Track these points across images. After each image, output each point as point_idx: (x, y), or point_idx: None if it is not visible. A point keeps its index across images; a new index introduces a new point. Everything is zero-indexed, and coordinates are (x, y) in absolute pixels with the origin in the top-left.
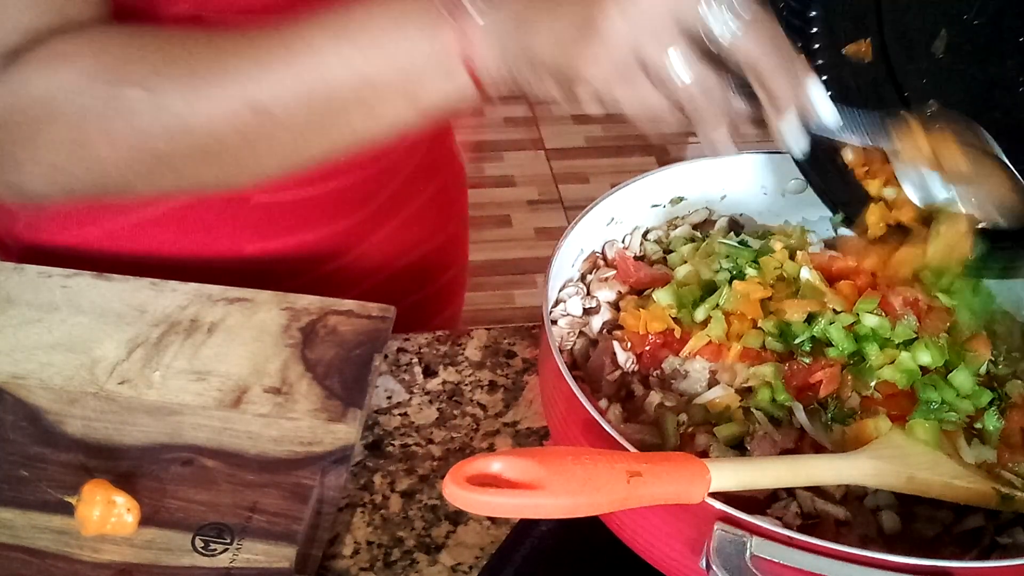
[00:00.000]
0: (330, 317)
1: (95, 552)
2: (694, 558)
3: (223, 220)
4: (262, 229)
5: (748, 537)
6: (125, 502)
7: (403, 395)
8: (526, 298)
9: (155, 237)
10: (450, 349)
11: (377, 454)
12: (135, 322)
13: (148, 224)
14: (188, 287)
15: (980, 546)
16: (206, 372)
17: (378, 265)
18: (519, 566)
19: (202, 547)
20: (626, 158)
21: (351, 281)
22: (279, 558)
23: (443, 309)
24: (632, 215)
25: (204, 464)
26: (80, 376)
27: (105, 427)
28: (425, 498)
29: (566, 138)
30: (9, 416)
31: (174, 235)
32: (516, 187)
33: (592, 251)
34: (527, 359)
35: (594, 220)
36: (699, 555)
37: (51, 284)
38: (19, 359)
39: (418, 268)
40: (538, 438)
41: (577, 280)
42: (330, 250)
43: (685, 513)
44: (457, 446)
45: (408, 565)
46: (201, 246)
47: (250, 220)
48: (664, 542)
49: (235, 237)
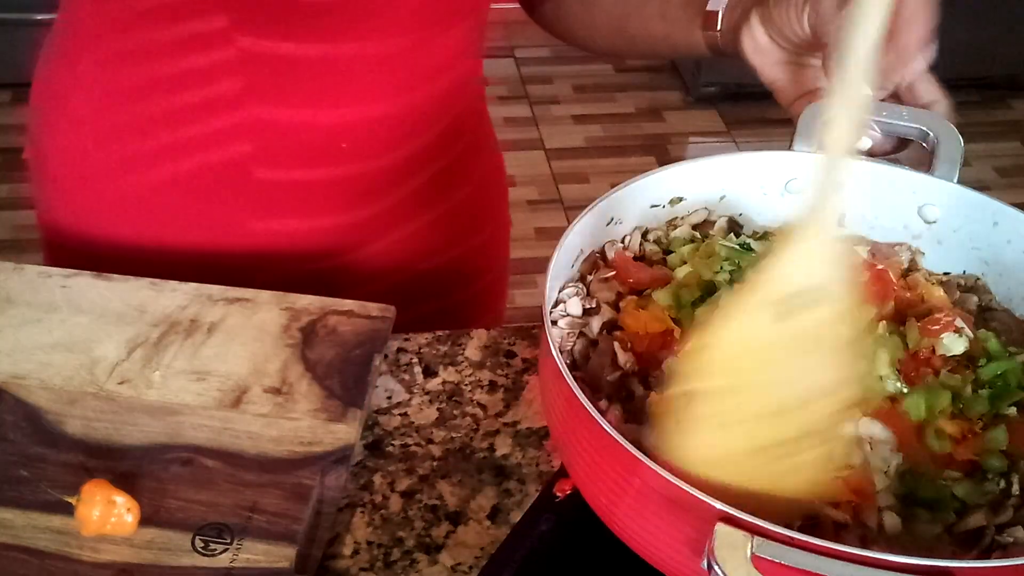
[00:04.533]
0: (330, 317)
1: (95, 552)
2: (694, 558)
3: (229, 191)
4: (265, 207)
5: (749, 537)
6: (125, 502)
7: (403, 395)
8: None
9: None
10: (450, 349)
11: (377, 454)
12: (135, 322)
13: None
14: (188, 287)
15: (980, 546)
16: (206, 372)
17: (399, 265)
18: (519, 566)
19: (202, 547)
20: (626, 158)
21: (369, 277)
22: (279, 558)
23: (483, 314)
24: (631, 215)
25: (204, 464)
26: (80, 376)
27: (105, 427)
28: (425, 498)
29: (566, 138)
30: (9, 416)
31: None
32: (516, 187)
33: (592, 251)
34: (527, 359)
35: (593, 220)
36: (699, 555)
37: (51, 284)
38: (19, 359)
39: (451, 270)
40: (538, 438)
41: (577, 280)
42: (342, 241)
43: (685, 513)
44: (457, 446)
45: (408, 565)
46: (209, 218)
47: (254, 195)
48: (664, 542)
49: (240, 212)
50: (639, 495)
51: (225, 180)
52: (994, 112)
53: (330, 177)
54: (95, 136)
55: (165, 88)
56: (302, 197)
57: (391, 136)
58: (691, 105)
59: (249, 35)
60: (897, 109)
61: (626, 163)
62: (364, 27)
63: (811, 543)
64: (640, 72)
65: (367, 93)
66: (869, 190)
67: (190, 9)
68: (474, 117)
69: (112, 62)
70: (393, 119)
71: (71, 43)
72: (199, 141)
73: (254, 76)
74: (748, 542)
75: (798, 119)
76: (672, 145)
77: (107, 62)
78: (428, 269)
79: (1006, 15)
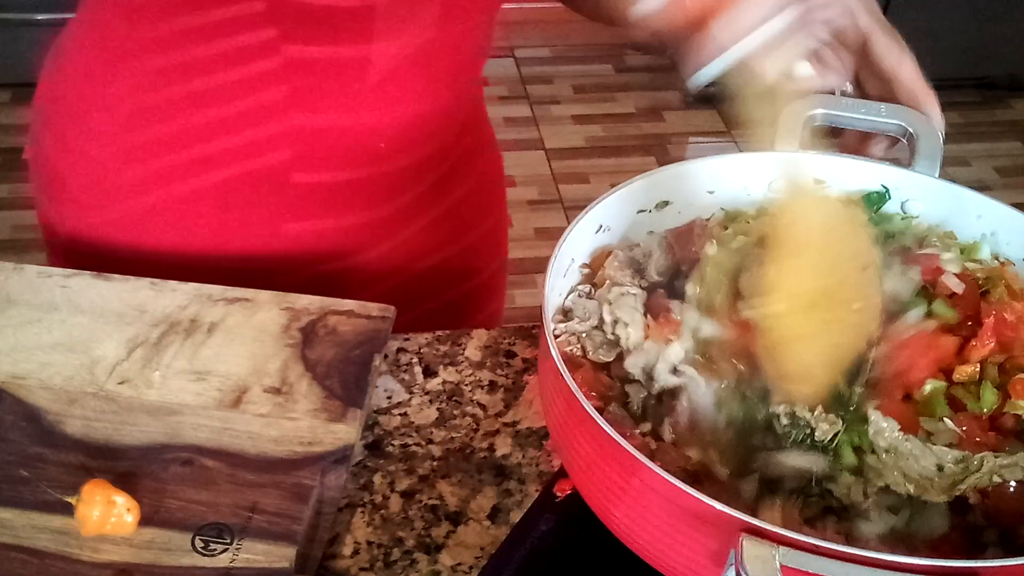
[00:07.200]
0: (330, 317)
1: (95, 552)
2: (695, 559)
3: (265, 197)
4: (301, 209)
5: (775, 548)
6: (125, 502)
7: (403, 395)
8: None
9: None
10: (450, 349)
11: (377, 454)
12: (135, 322)
13: (191, 199)
14: (188, 287)
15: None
16: (206, 372)
17: (413, 258)
18: (519, 566)
19: (202, 547)
20: (626, 158)
21: (386, 273)
22: (279, 558)
23: (483, 307)
24: (619, 222)
25: (204, 464)
26: (80, 376)
27: (105, 427)
28: (425, 498)
29: (566, 138)
30: (9, 416)
31: (216, 210)
32: (516, 187)
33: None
34: (527, 359)
35: (582, 231)
36: (720, 566)
37: (50, 284)
38: (19, 359)
39: (454, 264)
40: (538, 438)
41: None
42: (367, 238)
43: (706, 526)
44: (457, 446)
45: (408, 565)
46: (241, 223)
47: (290, 199)
48: (683, 555)
49: (275, 216)
50: (638, 496)
51: (262, 187)
52: (994, 112)
53: (365, 176)
54: (123, 153)
55: (206, 101)
56: (336, 197)
57: (420, 134)
58: (691, 105)
59: (296, 43)
60: (875, 106)
61: (626, 163)
62: (400, 24)
63: (840, 551)
64: (640, 72)
65: (403, 92)
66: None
67: (239, 24)
68: (476, 114)
69: (149, 79)
70: (424, 116)
71: (97, 62)
72: (237, 151)
73: (298, 83)
74: (775, 553)
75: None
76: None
77: (143, 80)
78: (431, 265)
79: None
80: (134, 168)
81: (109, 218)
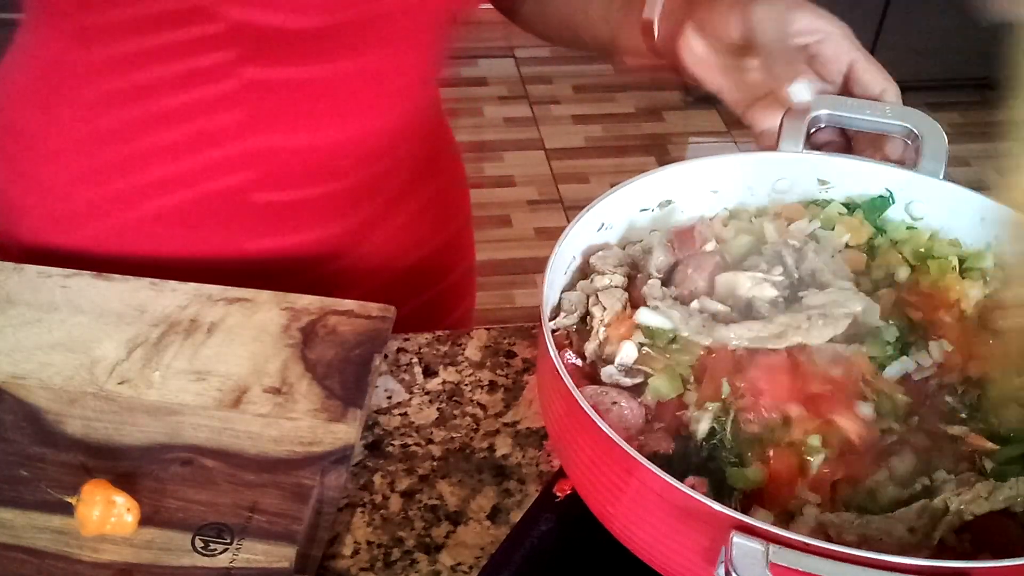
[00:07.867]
0: (330, 317)
1: (95, 552)
2: (695, 559)
3: (224, 217)
4: (262, 228)
5: (765, 545)
6: (125, 502)
7: (403, 395)
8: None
9: (157, 235)
10: (450, 349)
11: (377, 454)
12: (135, 322)
13: (150, 221)
14: (188, 287)
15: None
16: (206, 372)
17: (380, 265)
18: (519, 566)
19: (202, 547)
20: (626, 158)
21: (353, 282)
22: (279, 558)
23: (452, 311)
24: (620, 220)
25: (204, 464)
26: (80, 376)
27: (105, 427)
28: (425, 498)
29: (566, 138)
30: (9, 416)
31: (176, 232)
32: (516, 187)
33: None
34: (527, 359)
35: (584, 228)
36: (712, 564)
37: (51, 284)
38: (19, 359)
39: (422, 269)
40: (538, 438)
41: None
42: (331, 250)
43: (697, 522)
44: (457, 446)
45: (408, 565)
46: (202, 243)
47: (251, 218)
48: (678, 554)
49: (236, 235)
50: (637, 496)
51: (221, 207)
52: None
53: (326, 192)
54: (78, 177)
55: (163, 124)
56: (298, 214)
57: (380, 147)
58: (691, 105)
59: (255, 64)
60: (880, 107)
61: (626, 163)
62: (363, 43)
63: (830, 549)
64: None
65: (363, 109)
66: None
67: (197, 46)
68: (436, 118)
69: (102, 102)
70: (384, 130)
71: (45, 86)
72: (197, 173)
73: (257, 104)
74: (765, 550)
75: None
76: (672, 145)
77: (96, 103)
78: (398, 271)
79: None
80: (91, 191)
81: (71, 241)
